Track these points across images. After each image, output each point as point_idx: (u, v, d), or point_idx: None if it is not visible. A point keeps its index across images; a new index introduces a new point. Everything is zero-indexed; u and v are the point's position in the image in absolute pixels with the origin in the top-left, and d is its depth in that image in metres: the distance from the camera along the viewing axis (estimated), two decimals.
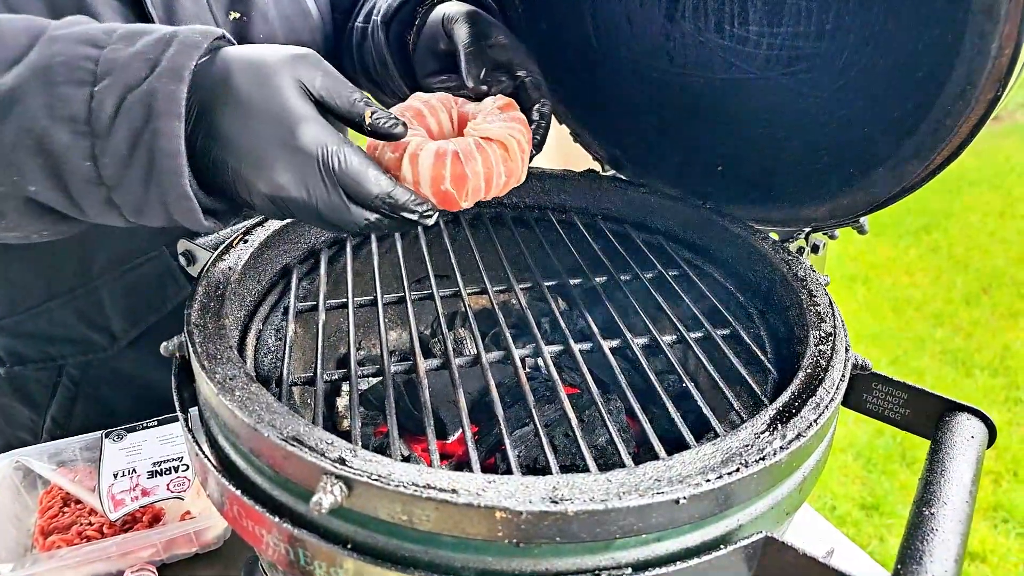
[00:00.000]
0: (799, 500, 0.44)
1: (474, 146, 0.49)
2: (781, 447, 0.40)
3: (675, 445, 0.46)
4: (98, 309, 0.76)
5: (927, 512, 0.41)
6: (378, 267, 0.63)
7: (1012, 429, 2.11)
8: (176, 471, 0.76)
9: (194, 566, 0.72)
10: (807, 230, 0.66)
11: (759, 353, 0.53)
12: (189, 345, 0.48)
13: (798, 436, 0.41)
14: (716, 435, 0.45)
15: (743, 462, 0.39)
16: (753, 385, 0.50)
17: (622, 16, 0.72)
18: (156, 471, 0.76)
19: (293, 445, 0.39)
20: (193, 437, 0.47)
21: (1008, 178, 3.78)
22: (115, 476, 0.75)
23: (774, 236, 0.66)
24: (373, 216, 0.45)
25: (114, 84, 0.41)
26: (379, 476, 0.37)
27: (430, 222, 0.47)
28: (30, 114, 0.41)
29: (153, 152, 0.41)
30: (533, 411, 0.47)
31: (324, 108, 0.45)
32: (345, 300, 0.59)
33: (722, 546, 0.39)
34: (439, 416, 0.61)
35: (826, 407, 0.43)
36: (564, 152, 0.82)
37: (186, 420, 0.49)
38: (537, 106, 0.59)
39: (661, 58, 0.71)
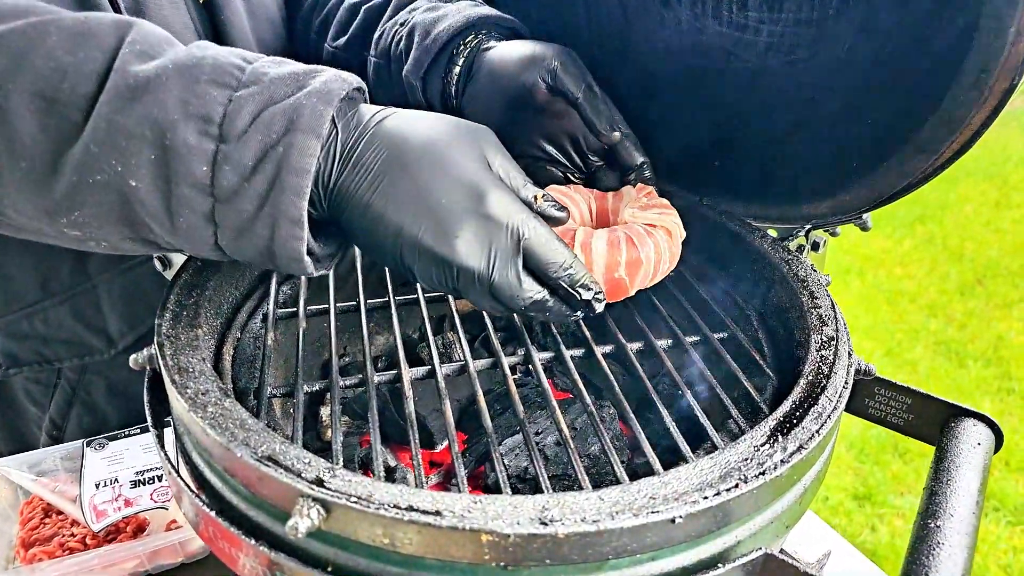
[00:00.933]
0: (800, 512, 0.42)
1: (643, 231, 0.49)
2: (782, 460, 0.38)
3: (671, 451, 0.44)
4: (95, 310, 0.75)
5: (932, 525, 0.39)
6: (361, 270, 0.60)
7: (1004, 419, 2.12)
8: (159, 480, 0.73)
9: None
10: (807, 227, 0.64)
11: (758, 358, 0.51)
12: (159, 358, 0.46)
13: (800, 448, 0.39)
14: (713, 446, 0.43)
15: (742, 477, 0.37)
16: (752, 391, 0.48)
17: (615, 2, 0.69)
18: (139, 480, 0.73)
19: (267, 465, 0.37)
20: (166, 454, 0.45)
21: (1004, 168, 3.78)
22: (97, 486, 0.73)
23: (773, 234, 0.64)
24: (540, 294, 0.43)
25: (257, 94, 0.40)
26: (358, 498, 0.35)
27: (599, 308, 0.45)
28: (161, 104, 0.39)
29: (281, 167, 0.39)
30: (524, 422, 0.45)
31: None
32: (327, 306, 0.56)
33: (720, 564, 0.37)
34: (426, 426, 0.59)
35: (828, 417, 0.41)
36: None
37: (159, 437, 0.47)
38: (638, 169, 0.59)
39: (656, 47, 0.68)
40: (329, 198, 0.43)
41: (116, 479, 0.73)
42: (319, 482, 0.37)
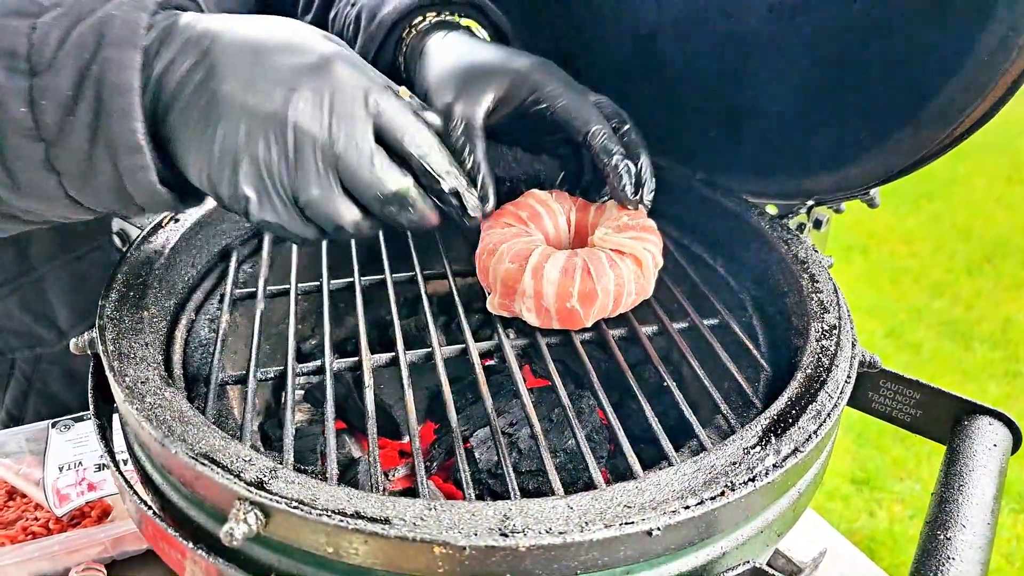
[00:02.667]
0: (793, 520, 0.38)
1: (606, 260, 0.45)
2: (774, 465, 0.34)
3: (655, 444, 0.40)
4: (42, 300, 0.72)
5: (942, 537, 0.35)
6: (327, 248, 0.56)
7: (1010, 403, 2.08)
8: (125, 464, 0.71)
9: (145, 563, 0.67)
10: (810, 203, 0.59)
11: (751, 347, 0.47)
12: (100, 342, 0.42)
13: (795, 452, 0.35)
14: (700, 446, 0.39)
15: (729, 484, 0.33)
16: (743, 384, 0.44)
17: None
18: (104, 464, 0.71)
19: (204, 464, 0.34)
20: (107, 447, 0.42)
21: (1017, 141, 3.67)
22: (60, 469, 0.70)
23: (772, 211, 0.59)
24: (403, 180, 0.37)
25: (62, 15, 0.36)
26: (300, 503, 0.32)
27: (472, 207, 0.38)
28: None
29: (101, 88, 0.35)
30: (492, 416, 0.41)
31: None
32: (288, 287, 0.52)
33: None
34: (392, 415, 0.55)
35: (828, 415, 0.37)
36: None
37: (100, 427, 0.43)
38: (587, 136, 0.49)
39: (649, 9, 0.63)
40: (152, 102, 0.37)
41: (80, 462, 0.70)
42: (259, 484, 0.33)
